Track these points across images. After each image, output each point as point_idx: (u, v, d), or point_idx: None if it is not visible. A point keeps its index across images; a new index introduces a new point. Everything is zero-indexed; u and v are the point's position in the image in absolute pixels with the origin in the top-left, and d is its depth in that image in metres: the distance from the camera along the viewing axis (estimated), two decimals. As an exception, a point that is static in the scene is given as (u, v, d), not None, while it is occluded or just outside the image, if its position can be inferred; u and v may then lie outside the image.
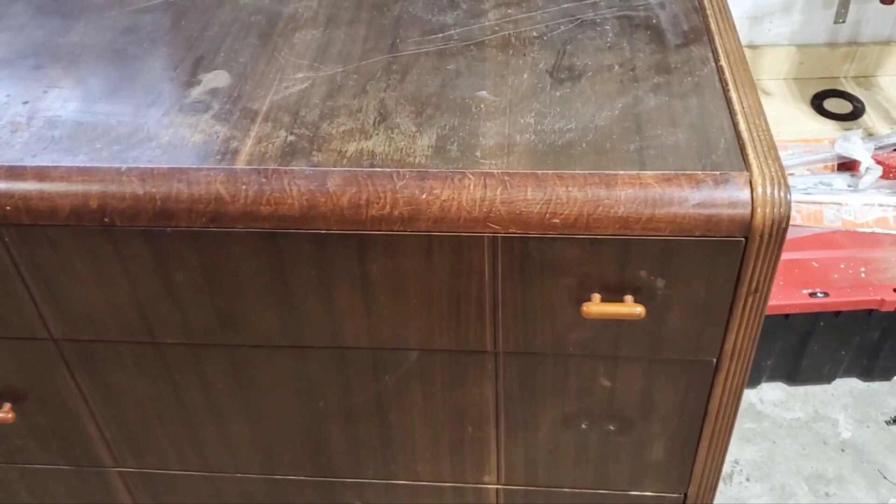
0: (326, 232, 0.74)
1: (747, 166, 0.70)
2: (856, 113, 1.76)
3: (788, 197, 0.69)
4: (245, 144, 0.77)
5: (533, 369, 0.83)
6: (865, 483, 1.43)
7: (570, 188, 0.70)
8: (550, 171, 0.72)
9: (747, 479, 1.44)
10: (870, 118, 1.75)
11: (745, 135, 0.73)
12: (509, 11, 0.94)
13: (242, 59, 0.89)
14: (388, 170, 0.73)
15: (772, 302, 1.40)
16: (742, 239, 0.70)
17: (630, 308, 0.73)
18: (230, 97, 0.83)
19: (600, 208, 0.70)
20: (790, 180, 1.63)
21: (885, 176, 1.61)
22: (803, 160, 1.67)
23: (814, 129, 1.74)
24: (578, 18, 0.92)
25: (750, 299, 0.74)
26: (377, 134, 0.77)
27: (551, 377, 0.84)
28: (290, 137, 0.77)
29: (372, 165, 0.74)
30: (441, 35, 0.91)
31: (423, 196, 0.72)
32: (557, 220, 0.71)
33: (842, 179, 1.63)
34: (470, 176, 0.72)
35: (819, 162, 1.67)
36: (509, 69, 0.85)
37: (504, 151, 0.74)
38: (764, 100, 1.79)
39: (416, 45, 0.89)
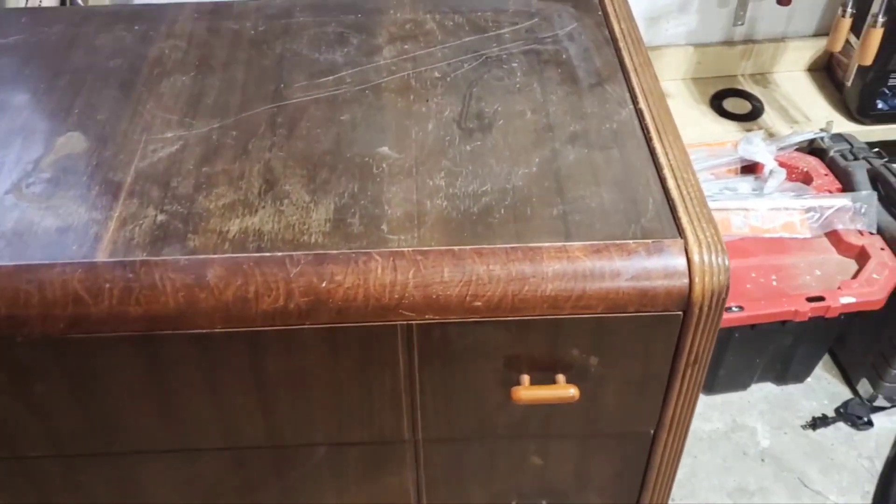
0: (210, 332, 0.63)
1: (680, 231, 0.64)
2: (755, 112, 1.75)
3: (727, 262, 0.63)
4: (107, 229, 0.65)
5: (457, 454, 0.75)
6: (787, 493, 1.43)
7: (491, 266, 0.62)
8: (468, 247, 0.63)
9: (672, 501, 1.41)
10: (769, 117, 1.74)
11: (674, 193, 0.67)
12: (406, 47, 0.84)
13: (101, 115, 0.76)
14: (280, 254, 0.63)
15: (689, 320, 1.37)
16: (680, 313, 0.63)
17: (562, 391, 0.66)
18: (87, 167, 0.71)
19: (526, 287, 0.62)
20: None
21: (788, 177, 1.61)
22: (707, 164, 1.65)
23: (715, 131, 1.72)
24: (483, 54, 0.83)
25: (689, 371, 0.68)
26: (264, 207, 0.67)
27: (478, 460, 0.76)
28: (161, 217, 0.66)
29: (259, 249, 0.63)
30: (332, 77, 0.80)
31: (323, 284, 0.62)
32: (479, 303, 0.62)
33: (746, 183, 1.62)
34: (377, 257, 0.63)
35: (723, 166, 1.65)
36: (412, 118, 0.76)
37: (414, 222, 0.65)
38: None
39: (303, 90, 0.79)
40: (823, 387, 1.60)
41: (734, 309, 1.38)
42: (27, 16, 0.89)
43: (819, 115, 1.73)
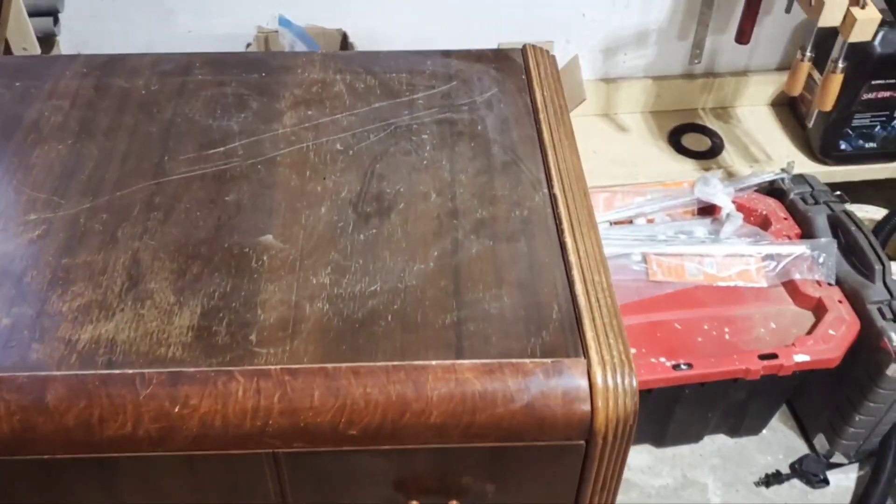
0: (51, 458, 0.56)
1: (584, 348, 0.57)
2: (714, 150, 1.70)
3: (635, 384, 0.56)
4: (-61, 336, 0.57)
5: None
6: (737, 556, 1.37)
7: (368, 388, 0.55)
8: (345, 365, 0.56)
9: (617, 564, 1.34)
10: (729, 155, 1.69)
11: (581, 300, 0.60)
12: (309, 113, 0.77)
13: (-43, 191, 0.69)
14: (130, 371, 0.55)
15: (635, 377, 1.31)
16: (582, 443, 0.57)
17: (454, 520, 0.59)
18: (-70, 256, 0.63)
19: (408, 414, 0.55)
20: (650, 228, 1.55)
21: (747, 220, 1.55)
22: (663, 206, 1.59)
23: (672, 170, 1.66)
24: (392, 123, 0.76)
25: (597, 497, 0.61)
26: (122, 309, 0.60)
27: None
28: (5, 321, 0.59)
29: (109, 364, 0.56)
30: (222, 149, 0.73)
31: (176, 409, 0.55)
32: (355, 431, 0.55)
33: (703, 227, 1.56)
34: (238, 377, 0.55)
35: (679, 207, 1.59)
36: (304, 199, 0.69)
37: (287, 331, 0.58)
38: (621, 137, 1.70)
39: (188, 164, 0.72)
40: (779, 440, 1.54)
41: (683, 367, 1.32)
42: None
43: (781, 154, 1.68)
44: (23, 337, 0.57)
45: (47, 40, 1.44)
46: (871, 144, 1.59)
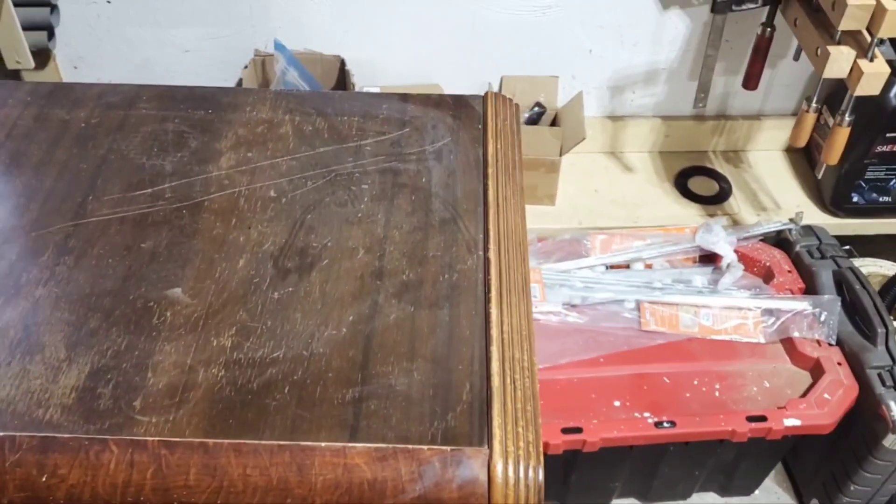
0: (-88, 522, 0.52)
1: (490, 436, 0.52)
2: (722, 195, 1.63)
3: (540, 479, 0.51)
4: None
5: None
6: None
7: (249, 469, 0.51)
8: (227, 441, 0.52)
9: None
10: (736, 201, 1.62)
11: (495, 380, 0.55)
12: (249, 155, 0.74)
13: None
14: (2, 434, 0.52)
15: (612, 433, 1.25)
16: (478, 540, 0.52)
17: None
18: None
19: (289, 501, 0.51)
20: (647, 273, 1.49)
21: (749, 270, 1.48)
22: (662, 251, 1.53)
23: (676, 214, 1.60)
24: (333, 171, 0.72)
25: None
26: (9, 363, 0.56)
27: None
28: None
29: (-18, 424, 0.53)
30: (150, 191, 0.70)
31: (44, 479, 0.51)
32: (231, 514, 0.51)
33: (702, 276, 1.49)
34: (113, 447, 0.52)
35: (679, 253, 1.53)
36: (223, 250, 0.65)
37: (174, 399, 0.54)
38: (625, 177, 1.65)
39: (112, 205, 0.68)
40: (773, 502, 1.47)
41: (666, 425, 1.26)
42: None
43: (791, 203, 1.61)
44: None
45: (42, 54, 1.44)
46: (886, 198, 1.52)
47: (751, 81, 1.37)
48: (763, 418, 1.23)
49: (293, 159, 0.73)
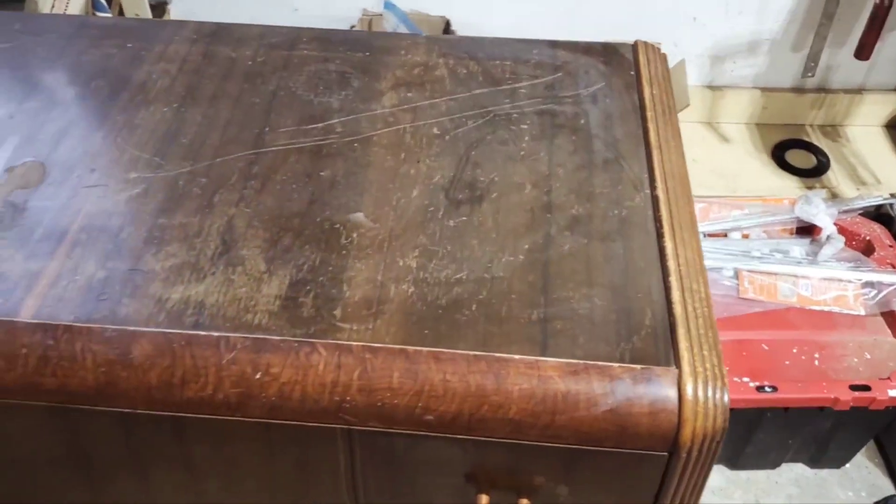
0: (132, 412, 0.56)
1: (677, 358, 0.54)
2: (820, 168, 1.62)
3: (726, 399, 0.54)
4: (38, 283, 0.59)
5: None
6: (806, 593, 1.31)
7: (448, 376, 0.54)
8: (426, 349, 0.55)
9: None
10: (834, 175, 1.61)
11: (677, 308, 0.57)
12: (409, 95, 0.76)
13: (67, 145, 0.70)
14: (216, 334, 0.56)
15: (715, 395, 1.26)
16: (665, 454, 0.54)
17: (522, 520, 0.58)
18: (38, 204, 0.65)
19: (486, 407, 0.54)
20: (745, 243, 1.49)
21: (848, 244, 1.48)
22: (760, 221, 1.53)
23: (773, 185, 1.60)
24: (491, 111, 0.75)
25: (673, 514, 0.58)
26: (213, 273, 0.60)
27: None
28: (100, 273, 0.60)
29: (196, 325, 0.56)
30: (321, 125, 0.73)
31: (257, 376, 0.55)
32: (431, 417, 0.54)
33: (800, 247, 1.49)
34: (321, 350, 0.55)
35: (777, 224, 1.53)
36: (397, 181, 0.68)
37: (371, 310, 0.58)
38: (723, 147, 1.65)
39: (287, 137, 0.72)
40: (863, 476, 1.47)
41: (767, 389, 1.27)
42: (20, 22, 0.84)
43: (891, 178, 1.59)
44: (114, 291, 0.59)
45: (158, 8, 1.48)
46: None
47: (864, 51, 1.36)
48: (867, 388, 1.24)
49: (451, 100, 0.76)
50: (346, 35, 0.85)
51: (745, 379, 1.29)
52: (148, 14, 1.44)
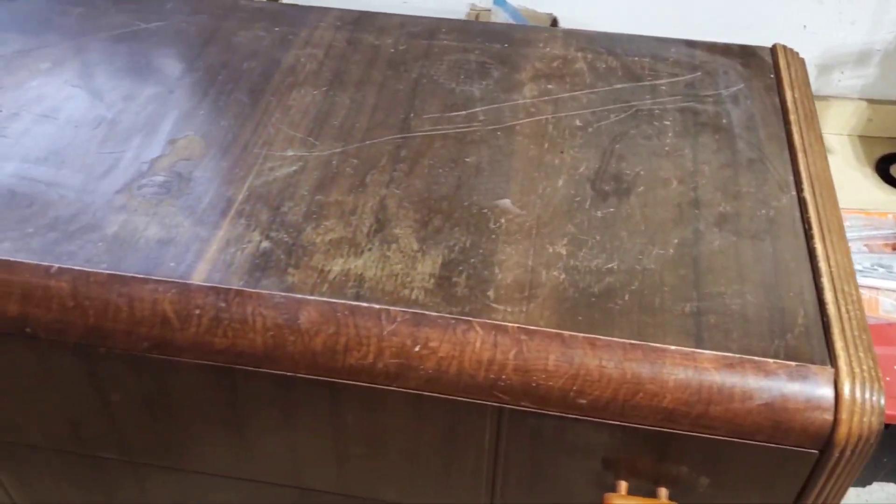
0: (293, 375, 0.59)
1: (832, 357, 0.55)
2: (926, 184, 1.58)
3: (882, 402, 0.54)
4: (209, 248, 0.62)
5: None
6: None
7: (604, 362, 0.55)
8: (581, 335, 0.56)
9: None
10: (941, 192, 1.56)
11: (831, 309, 0.57)
12: (549, 87, 0.78)
13: (225, 121, 0.74)
14: (377, 306, 0.58)
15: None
16: (816, 452, 0.55)
17: (662, 508, 0.59)
18: (202, 176, 0.68)
19: (640, 394, 0.55)
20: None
21: (952, 262, 1.44)
22: (862, 234, 1.50)
23: (876, 199, 1.56)
24: (633, 106, 0.76)
25: (814, 513, 0.59)
26: (370, 249, 0.62)
27: (555, 552, 0.70)
28: (265, 244, 0.63)
29: (358, 297, 0.59)
30: (464, 112, 0.75)
31: (417, 348, 0.57)
32: (584, 401, 0.56)
33: (904, 263, 1.46)
34: (478, 328, 0.57)
35: (880, 239, 1.50)
36: (542, 170, 0.69)
37: (524, 294, 0.59)
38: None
39: (432, 123, 0.74)
40: (959, 502, 1.43)
41: (869, 404, 1.24)
42: (172, 2, 0.88)
43: None
44: (280, 261, 0.61)
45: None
46: None
47: None
48: (973, 409, 1.20)
49: (592, 93, 0.77)
50: (484, 27, 0.87)
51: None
52: None
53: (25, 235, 0.63)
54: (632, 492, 0.60)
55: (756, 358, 0.55)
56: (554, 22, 1.53)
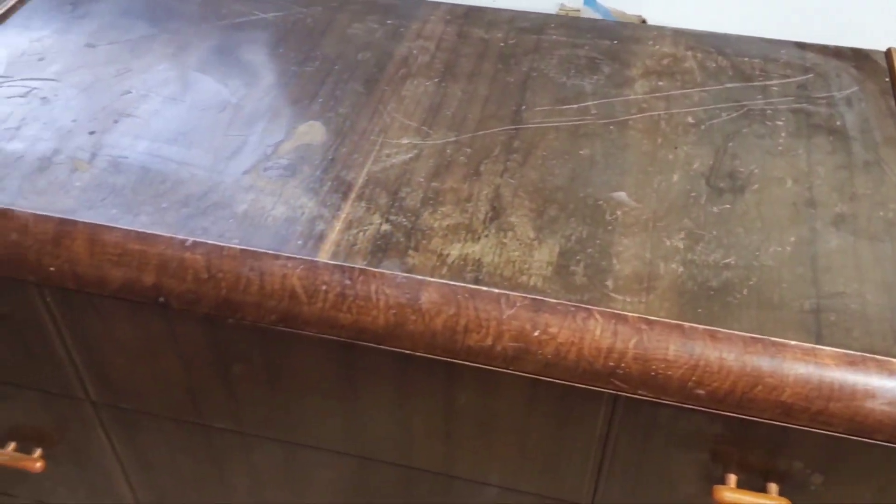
0: (411, 353, 0.61)
1: (959, 360, 0.54)
2: None
3: None
4: (332, 228, 0.64)
5: (634, 532, 0.70)
6: None
7: (724, 353, 0.56)
8: (701, 326, 0.57)
9: None
10: None
11: (956, 312, 0.57)
12: (661, 84, 0.78)
13: (343, 109, 0.76)
14: (496, 290, 0.60)
15: None
16: (939, 454, 0.54)
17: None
18: (323, 160, 0.71)
19: (759, 387, 0.55)
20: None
21: None
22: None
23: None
24: (745, 106, 0.76)
25: (930, 517, 0.58)
26: (487, 235, 0.64)
27: (654, 543, 0.70)
28: (385, 226, 0.65)
29: (477, 281, 0.60)
30: (575, 106, 0.76)
31: (536, 333, 0.58)
32: (702, 392, 0.56)
33: None
34: (598, 316, 0.58)
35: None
36: (656, 165, 0.70)
37: (643, 285, 0.60)
38: None
39: (544, 115, 0.75)
40: None
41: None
42: (289, -5, 0.91)
43: None
44: (400, 243, 0.63)
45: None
46: None
47: None
48: None
49: (703, 91, 0.77)
50: (592, 23, 0.88)
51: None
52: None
53: (160, 210, 0.66)
54: (741, 486, 0.61)
55: (879, 357, 0.55)
56: (643, 23, 1.52)
